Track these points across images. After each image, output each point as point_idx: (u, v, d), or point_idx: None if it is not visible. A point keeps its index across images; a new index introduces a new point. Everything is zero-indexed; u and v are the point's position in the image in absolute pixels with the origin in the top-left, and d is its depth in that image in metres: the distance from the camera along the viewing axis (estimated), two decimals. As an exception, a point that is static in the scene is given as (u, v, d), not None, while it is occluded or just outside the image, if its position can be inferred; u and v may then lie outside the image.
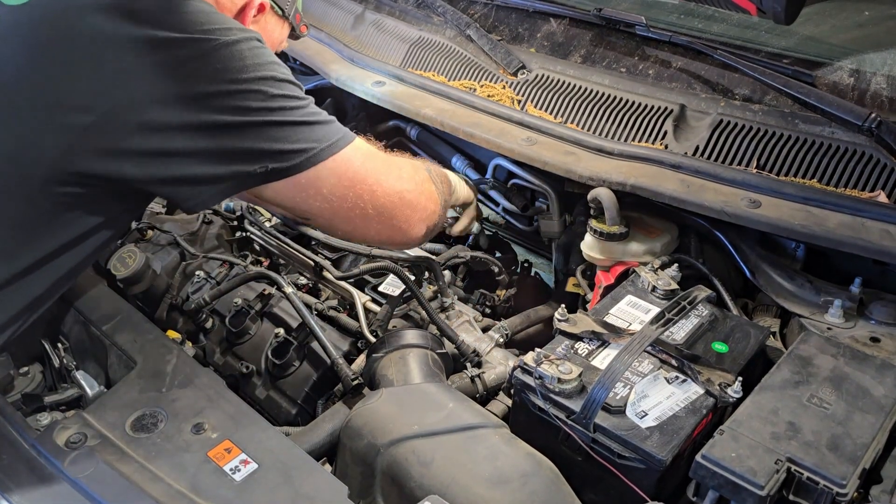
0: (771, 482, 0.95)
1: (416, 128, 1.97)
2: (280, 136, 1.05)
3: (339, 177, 1.12)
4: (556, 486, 1.08)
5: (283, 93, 1.05)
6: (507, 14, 1.85)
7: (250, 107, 1.02)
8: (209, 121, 1.00)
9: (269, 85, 1.03)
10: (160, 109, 0.98)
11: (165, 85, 0.98)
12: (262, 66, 1.04)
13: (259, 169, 1.05)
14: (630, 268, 1.44)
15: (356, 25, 2.03)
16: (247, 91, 1.01)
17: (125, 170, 1.00)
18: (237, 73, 1.01)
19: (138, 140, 0.99)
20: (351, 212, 1.16)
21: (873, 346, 1.22)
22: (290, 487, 1.05)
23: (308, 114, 1.09)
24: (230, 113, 1.01)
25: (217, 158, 1.03)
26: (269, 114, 1.03)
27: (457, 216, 1.62)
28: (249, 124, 1.02)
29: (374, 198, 1.16)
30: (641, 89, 1.57)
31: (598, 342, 1.22)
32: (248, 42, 1.04)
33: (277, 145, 1.05)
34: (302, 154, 1.07)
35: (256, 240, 1.73)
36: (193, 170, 1.03)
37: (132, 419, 1.16)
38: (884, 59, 1.41)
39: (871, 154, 1.34)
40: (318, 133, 1.09)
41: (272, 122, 1.04)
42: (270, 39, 1.31)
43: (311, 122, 1.09)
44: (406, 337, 1.35)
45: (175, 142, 1.00)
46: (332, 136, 1.11)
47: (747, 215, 1.30)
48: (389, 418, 1.17)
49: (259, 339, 1.49)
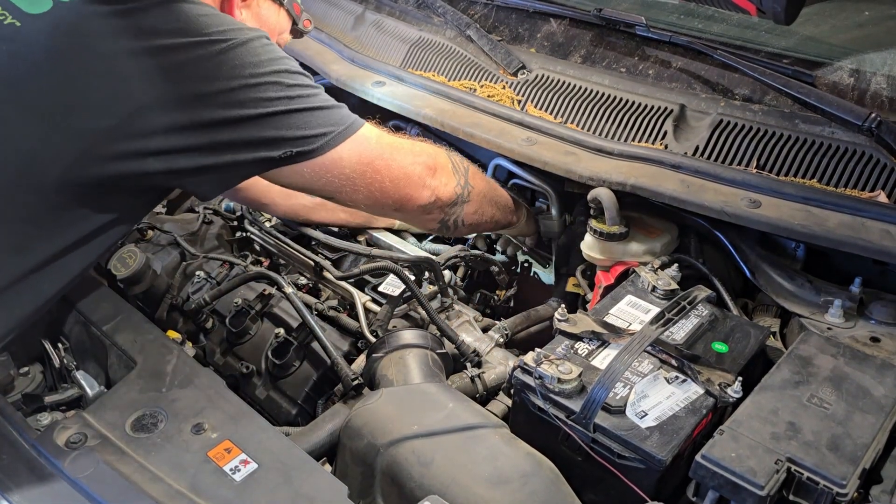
0: (771, 482, 0.95)
1: (416, 128, 1.97)
2: (301, 122, 1.11)
3: (359, 155, 1.19)
4: (556, 487, 1.08)
5: (298, 83, 1.12)
6: (507, 14, 1.85)
7: (270, 97, 1.08)
8: (231, 116, 1.05)
9: (284, 77, 1.10)
10: (182, 110, 1.02)
11: (185, 86, 1.03)
12: (275, 60, 1.10)
13: (283, 154, 1.11)
14: (630, 268, 1.44)
15: (356, 26, 2.03)
16: (265, 84, 1.07)
17: (148, 166, 1.04)
18: (255, 68, 1.07)
19: (161, 141, 1.03)
20: (371, 186, 1.23)
21: (873, 346, 1.22)
22: (290, 487, 1.05)
23: (323, 100, 1.16)
24: (251, 105, 1.06)
25: (241, 148, 1.08)
26: (288, 102, 1.10)
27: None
28: (271, 114, 1.08)
29: (389, 169, 1.24)
30: (641, 89, 1.57)
31: (598, 342, 1.21)
32: (258, 40, 1.10)
33: (300, 131, 1.11)
34: (323, 137, 1.14)
35: (256, 240, 1.73)
36: (217, 159, 1.07)
37: (132, 419, 1.16)
38: (884, 59, 1.41)
39: (871, 154, 1.34)
40: (335, 116, 1.16)
41: (292, 109, 1.10)
42: (268, 27, 1.35)
43: (328, 107, 1.16)
44: (406, 337, 1.35)
45: (199, 138, 1.05)
46: (347, 119, 1.18)
47: (747, 215, 1.30)
48: (389, 418, 1.17)
49: (259, 339, 1.49)
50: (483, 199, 1.43)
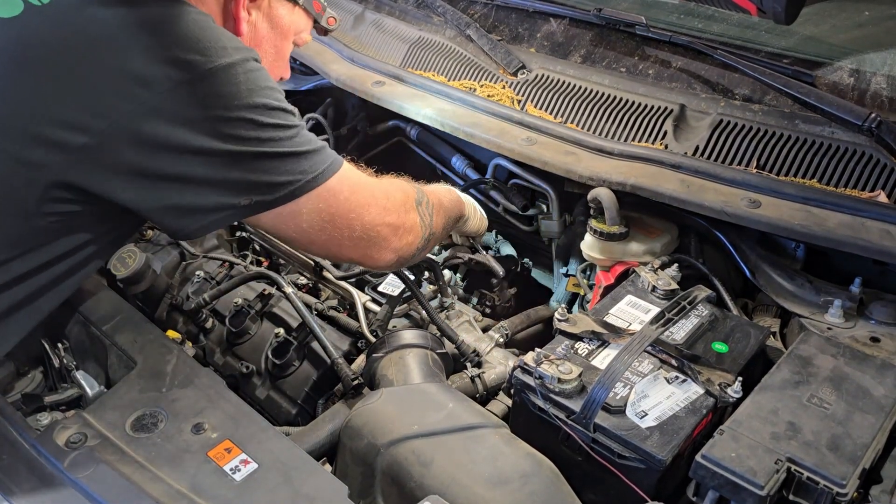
0: (771, 482, 0.95)
1: (416, 128, 1.97)
2: (268, 167, 1.02)
3: (319, 211, 1.09)
4: (556, 487, 1.08)
5: (274, 122, 1.02)
6: (507, 14, 1.85)
7: (241, 136, 0.99)
8: (200, 146, 0.98)
9: (260, 113, 1.00)
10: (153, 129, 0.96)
11: (160, 106, 0.96)
12: (255, 91, 1.00)
13: (245, 201, 1.03)
14: (630, 268, 1.44)
15: (356, 25, 2.03)
16: (238, 119, 0.99)
17: (118, 191, 0.99)
18: (230, 100, 0.98)
19: (132, 156, 0.97)
20: (329, 242, 1.14)
21: (873, 346, 1.22)
22: (290, 487, 1.05)
23: (297, 143, 1.05)
24: (221, 140, 0.98)
25: (205, 187, 1.01)
26: (258, 144, 1.01)
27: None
28: (239, 154, 1.00)
29: (352, 230, 1.14)
30: (641, 89, 1.57)
31: (598, 342, 1.22)
32: (243, 65, 1.00)
33: (265, 177, 1.02)
34: (286, 186, 1.04)
35: (256, 240, 1.73)
36: (182, 199, 1.01)
37: (132, 419, 1.16)
38: (884, 59, 1.41)
39: (871, 154, 1.34)
40: (305, 164, 1.06)
41: (261, 153, 1.01)
42: (280, 28, 1.24)
43: (300, 153, 1.05)
44: (406, 337, 1.35)
45: (166, 163, 0.98)
46: (318, 166, 1.08)
47: (747, 215, 1.30)
48: (389, 418, 1.17)
49: (259, 339, 1.49)
50: (440, 235, 1.37)
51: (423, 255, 1.32)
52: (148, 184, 0.99)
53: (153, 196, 1.01)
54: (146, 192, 1.00)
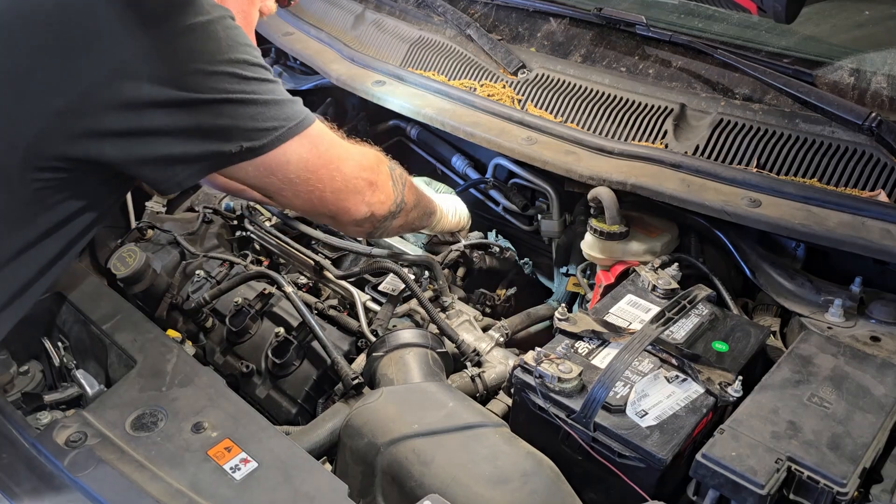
0: (771, 481, 0.95)
1: (416, 127, 1.97)
2: (254, 113, 1.06)
3: (305, 161, 1.14)
4: (556, 486, 1.08)
5: (256, 76, 1.06)
6: (508, 14, 1.85)
7: (225, 88, 1.02)
8: (186, 98, 1.00)
9: (242, 68, 1.04)
10: (135, 88, 0.97)
11: (140, 64, 0.97)
12: (234, 48, 1.04)
13: (235, 148, 1.06)
14: (630, 267, 1.44)
15: (356, 25, 2.03)
16: (221, 73, 1.02)
17: (104, 151, 1.00)
18: (212, 55, 1.01)
19: (114, 119, 0.98)
20: (311, 193, 1.18)
21: (874, 346, 1.22)
22: (290, 486, 1.05)
23: (279, 93, 1.10)
24: (207, 92, 1.01)
25: (194, 136, 1.03)
26: (243, 94, 1.04)
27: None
28: (226, 101, 1.03)
29: (332, 181, 1.19)
30: (642, 89, 1.57)
31: (599, 341, 1.22)
32: (221, 22, 1.03)
33: (252, 123, 1.06)
34: (273, 132, 1.08)
35: (256, 239, 1.73)
36: (171, 149, 1.03)
37: (132, 418, 1.16)
38: (884, 59, 1.41)
39: (871, 153, 1.33)
40: (288, 111, 1.11)
41: (247, 100, 1.05)
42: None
43: (282, 101, 1.10)
44: (406, 336, 1.35)
45: (152, 119, 1.00)
46: (299, 114, 1.13)
47: (747, 214, 1.30)
48: (389, 417, 1.17)
49: (259, 338, 1.49)
50: (411, 212, 1.41)
51: (393, 228, 1.37)
52: (135, 140, 1.01)
53: (140, 150, 1.02)
54: (133, 148, 1.01)
